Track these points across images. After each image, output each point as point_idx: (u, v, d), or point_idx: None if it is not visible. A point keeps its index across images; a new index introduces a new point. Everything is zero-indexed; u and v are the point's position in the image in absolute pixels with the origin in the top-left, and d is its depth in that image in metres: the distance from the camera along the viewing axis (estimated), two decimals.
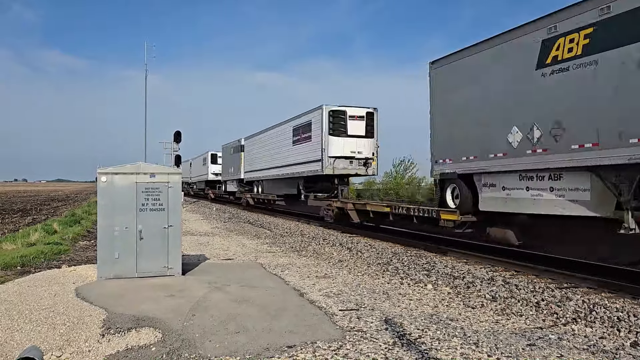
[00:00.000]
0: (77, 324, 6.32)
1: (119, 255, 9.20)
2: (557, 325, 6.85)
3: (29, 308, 6.97)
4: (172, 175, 9.69)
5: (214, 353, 5.45)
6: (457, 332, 6.33)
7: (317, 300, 7.89)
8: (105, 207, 9.29)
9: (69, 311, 6.85)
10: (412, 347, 5.69)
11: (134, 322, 6.41)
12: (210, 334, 6.06)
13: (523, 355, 5.51)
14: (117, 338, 5.90)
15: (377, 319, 6.89)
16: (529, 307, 7.76)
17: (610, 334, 6.42)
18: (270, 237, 17.67)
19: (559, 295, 8.28)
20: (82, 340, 5.83)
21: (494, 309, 7.69)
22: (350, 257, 12.71)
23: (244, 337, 5.96)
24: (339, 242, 15.64)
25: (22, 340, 5.81)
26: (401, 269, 11.00)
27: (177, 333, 6.08)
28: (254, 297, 7.95)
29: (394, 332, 6.28)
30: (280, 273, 10.28)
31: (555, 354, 5.57)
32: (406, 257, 12.36)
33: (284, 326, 6.43)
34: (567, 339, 6.15)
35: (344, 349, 5.60)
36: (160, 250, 9.47)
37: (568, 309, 7.50)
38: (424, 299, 8.26)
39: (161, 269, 9.47)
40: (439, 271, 10.57)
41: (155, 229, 9.44)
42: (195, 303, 7.50)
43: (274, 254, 13.35)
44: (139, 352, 5.52)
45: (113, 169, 9.41)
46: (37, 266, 11.07)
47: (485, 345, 5.79)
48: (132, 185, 9.36)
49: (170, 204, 9.56)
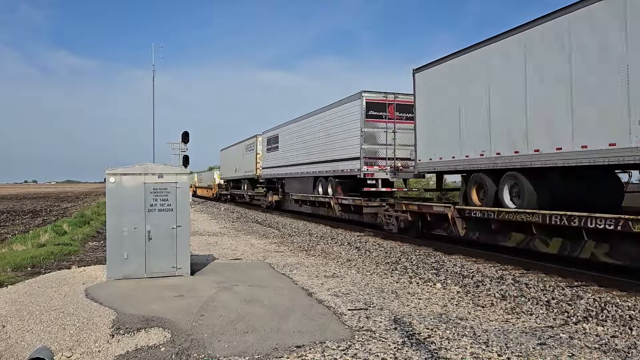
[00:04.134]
0: (87, 324, 6.35)
1: (128, 255, 9.24)
2: (568, 324, 6.78)
3: (39, 309, 7.01)
4: (180, 175, 9.72)
5: (223, 353, 5.45)
6: (466, 331, 6.29)
7: (326, 299, 7.88)
8: (114, 207, 9.33)
9: (78, 312, 6.89)
10: (422, 347, 5.66)
11: (143, 323, 6.43)
12: (219, 334, 6.07)
13: (534, 355, 5.46)
14: (126, 338, 5.92)
15: (386, 318, 6.86)
16: (540, 305, 7.70)
17: (622, 333, 6.35)
18: (278, 237, 17.68)
19: (569, 293, 8.22)
20: (91, 340, 5.85)
21: (503, 308, 7.64)
22: (359, 257, 12.69)
23: (253, 337, 5.96)
24: (347, 241, 15.62)
25: (32, 340, 5.85)
26: (410, 268, 10.97)
27: (186, 333, 6.09)
28: (263, 297, 7.95)
29: (403, 331, 6.25)
30: (289, 273, 10.27)
31: (567, 353, 5.51)
32: (415, 256, 12.32)
33: (292, 326, 6.42)
34: (578, 338, 6.09)
35: (353, 349, 5.58)
36: (168, 251, 9.50)
37: (579, 307, 7.44)
38: (433, 298, 8.22)
39: (170, 269, 9.50)
40: (448, 270, 10.53)
41: (164, 230, 9.47)
42: (204, 303, 7.51)
43: (282, 254, 13.35)
44: (148, 353, 5.54)
45: (121, 170, 9.45)
46: (47, 267, 11.14)
47: (495, 345, 5.75)
48: (141, 186, 9.40)
49: (179, 204, 9.58)
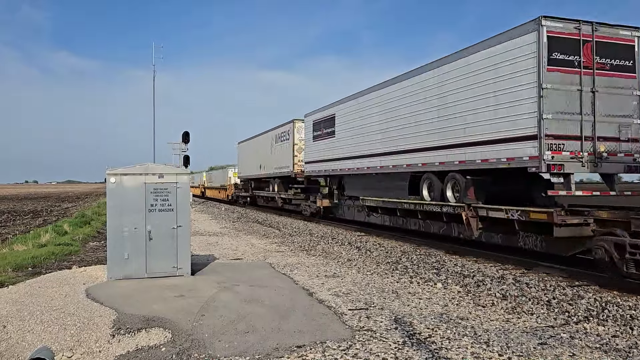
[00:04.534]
0: (88, 324, 6.35)
1: (128, 255, 9.24)
2: (568, 324, 6.78)
3: (40, 309, 7.01)
4: (180, 175, 9.72)
5: (224, 353, 5.45)
6: (467, 331, 6.29)
7: (326, 299, 7.88)
8: (115, 207, 9.33)
9: (79, 312, 6.89)
10: (422, 347, 5.66)
11: (143, 323, 6.43)
12: (219, 334, 6.07)
13: (534, 354, 5.46)
14: (127, 338, 5.92)
15: (386, 318, 6.86)
16: (540, 305, 7.70)
17: (623, 333, 6.35)
18: (279, 237, 17.68)
19: (570, 293, 8.22)
20: (92, 340, 5.85)
21: (504, 308, 7.63)
22: (359, 256, 12.69)
23: (254, 337, 5.96)
24: (348, 241, 15.62)
25: (33, 340, 5.85)
26: (410, 267, 10.97)
27: (187, 333, 6.10)
28: (263, 297, 7.95)
29: (404, 331, 6.25)
30: (289, 272, 10.27)
31: (568, 353, 5.51)
32: (415, 256, 12.32)
33: (293, 326, 6.42)
34: (579, 338, 6.09)
35: (354, 349, 5.58)
36: (169, 251, 9.50)
37: (580, 307, 7.43)
38: (434, 298, 8.22)
39: (170, 269, 9.50)
40: (449, 270, 10.52)
41: (164, 230, 9.47)
42: (205, 303, 7.51)
43: (282, 254, 13.35)
44: (149, 353, 5.54)
45: (122, 170, 9.45)
46: (48, 267, 11.14)
47: (496, 345, 5.75)
48: (141, 186, 9.40)
49: (179, 204, 9.58)
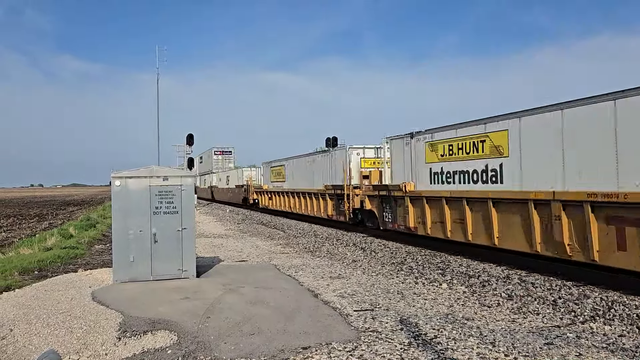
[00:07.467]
0: (94, 327, 6.38)
1: (134, 258, 9.27)
2: (575, 324, 6.75)
3: (47, 312, 7.04)
4: (185, 178, 9.75)
5: (229, 355, 5.45)
6: (473, 331, 6.27)
7: (332, 300, 7.87)
8: (120, 210, 9.36)
9: (85, 315, 6.91)
10: (428, 348, 5.64)
11: (149, 325, 6.45)
12: (225, 336, 6.08)
13: (541, 355, 5.43)
14: (133, 341, 5.94)
15: (392, 319, 6.85)
16: (546, 305, 7.67)
17: (629, 332, 6.32)
18: (283, 238, 17.68)
19: (576, 293, 8.19)
20: (98, 343, 5.87)
21: (510, 308, 7.61)
22: (364, 257, 12.68)
23: (259, 339, 5.96)
24: (353, 242, 15.61)
25: (40, 344, 5.88)
26: (415, 268, 10.95)
27: (193, 335, 6.11)
28: (269, 299, 7.95)
29: (410, 332, 6.23)
30: (294, 274, 10.27)
31: (574, 353, 5.49)
32: (420, 257, 12.30)
33: (298, 327, 6.42)
34: (585, 337, 6.06)
35: (359, 350, 5.57)
36: (174, 253, 9.52)
37: (586, 307, 7.40)
38: (439, 299, 8.20)
39: (176, 272, 9.53)
40: (454, 270, 10.50)
41: (169, 232, 9.50)
42: (210, 305, 7.52)
43: (287, 255, 13.35)
44: (155, 355, 5.55)
45: (127, 173, 9.48)
46: (54, 270, 11.19)
47: (502, 345, 5.73)
48: (146, 189, 9.43)
49: (184, 207, 9.61)
